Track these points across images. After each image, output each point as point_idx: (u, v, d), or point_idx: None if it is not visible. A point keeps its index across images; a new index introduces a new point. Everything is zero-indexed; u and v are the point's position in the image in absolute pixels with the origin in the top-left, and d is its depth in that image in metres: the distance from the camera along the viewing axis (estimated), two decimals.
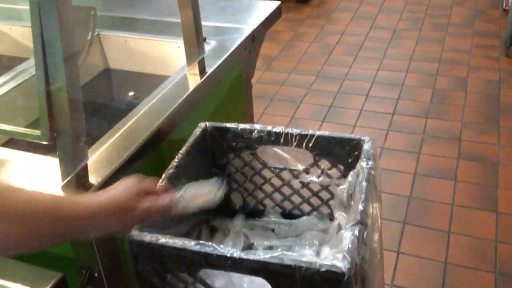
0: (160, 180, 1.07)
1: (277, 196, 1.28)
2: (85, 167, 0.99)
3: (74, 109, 0.93)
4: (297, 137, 1.16)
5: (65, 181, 0.97)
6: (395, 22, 4.02)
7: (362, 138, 1.11)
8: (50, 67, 0.89)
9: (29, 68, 1.44)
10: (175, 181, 1.11)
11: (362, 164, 1.02)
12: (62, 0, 0.85)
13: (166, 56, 1.54)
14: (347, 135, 1.14)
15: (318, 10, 4.34)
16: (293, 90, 3.23)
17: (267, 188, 1.28)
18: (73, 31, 0.88)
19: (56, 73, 0.89)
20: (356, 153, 1.12)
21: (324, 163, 1.18)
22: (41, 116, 0.93)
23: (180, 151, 1.15)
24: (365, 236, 0.90)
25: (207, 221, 1.27)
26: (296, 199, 1.27)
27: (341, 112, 2.98)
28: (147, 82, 1.55)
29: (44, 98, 0.91)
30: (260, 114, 2.97)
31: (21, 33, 1.68)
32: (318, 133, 1.15)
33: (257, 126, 1.20)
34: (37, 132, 0.96)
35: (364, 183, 0.98)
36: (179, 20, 1.40)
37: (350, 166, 1.13)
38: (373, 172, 1.00)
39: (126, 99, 1.50)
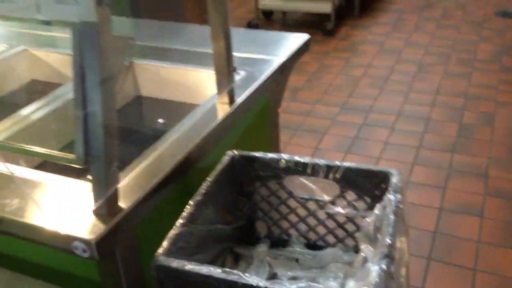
0: (188, 207, 1.09)
1: (302, 227, 1.28)
2: (116, 191, 1.01)
3: (109, 134, 0.95)
4: (324, 168, 1.17)
5: (96, 205, 0.99)
6: (421, 56, 4.03)
7: (390, 170, 1.11)
8: (88, 93, 0.92)
9: (63, 94, 1.48)
10: (202, 208, 1.12)
11: (390, 197, 1.02)
12: (103, 29, 0.88)
13: (196, 85, 1.58)
14: (374, 167, 1.15)
15: (344, 43, 4.38)
16: (317, 121, 3.24)
17: (292, 218, 1.28)
18: (111, 58, 0.92)
19: (93, 98, 0.92)
20: (383, 185, 1.12)
21: (350, 195, 1.19)
22: (77, 140, 0.96)
23: (208, 179, 1.17)
24: (392, 270, 0.89)
25: (231, 249, 1.27)
26: (321, 230, 1.27)
27: (365, 144, 2.98)
28: (177, 110, 1.58)
29: (80, 123, 0.94)
30: (284, 144, 2.99)
31: (56, 60, 1.74)
32: (345, 164, 1.15)
33: (285, 156, 1.21)
34: (72, 156, 0.98)
35: (392, 217, 0.97)
36: (209, 50, 1.43)
37: (376, 199, 1.13)
38: (401, 206, 1.00)
39: (156, 126, 1.53)
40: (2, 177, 1.13)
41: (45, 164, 1.33)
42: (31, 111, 1.42)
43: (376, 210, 1.06)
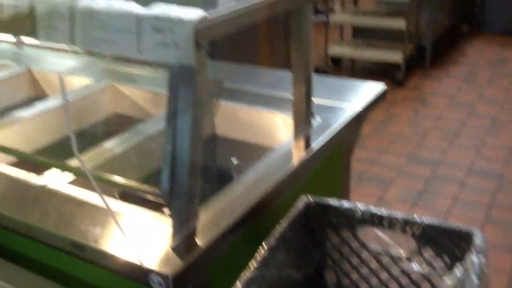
0: (261, 249, 1.09)
1: (374, 280, 1.24)
2: (195, 228, 1.03)
3: (194, 172, 0.98)
4: (402, 222, 1.14)
5: (175, 240, 1.01)
6: (495, 112, 3.90)
7: (473, 230, 1.07)
8: (179, 131, 0.96)
9: (145, 128, 1.54)
10: (275, 252, 1.12)
11: (473, 259, 0.98)
12: (199, 72, 0.92)
13: (272, 128, 1.60)
14: (455, 225, 1.11)
15: (413, 93, 4.32)
16: (383, 170, 3.19)
17: (364, 270, 1.25)
18: (203, 100, 0.95)
19: (183, 137, 0.95)
20: (464, 245, 1.08)
21: (428, 252, 1.15)
22: (162, 175, 0.99)
23: (282, 222, 1.16)
24: None
25: None
26: (393, 286, 1.22)
27: (433, 198, 2.88)
28: (251, 151, 1.61)
29: (168, 159, 0.97)
30: None
31: (139, 95, 1.83)
32: (424, 220, 1.12)
33: (360, 206, 1.20)
34: (156, 190, 1.02)
35: (475, 280, 0.93)
36: (284, 94, 1.45)
37: (456, 259, 1.09)
38: (485, 270, 0.95)
39: (230, 166, 1.56)
40: (85, 206, 1.18)
41: (122, 195, 1.37)
42: (114, 144, 1.48)
43: (457, 271, 1.02)
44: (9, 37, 2.09)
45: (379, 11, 4.77)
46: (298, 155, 1.35)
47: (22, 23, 1.09)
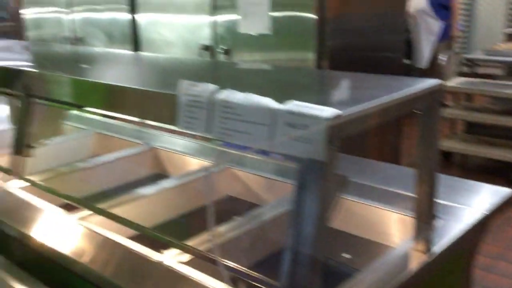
0: None
1: None
2: None
3: (315, 265, 0.96)
4: None
5: None
6: None
7: None
8: (304, 223, 0.95)
9: (261, 215, 1.56)
10: None
11: None
12: (329, 168, 0.92)
13: (388, 226, 1.54)
14: None
15: None
16: (501, 279, 2.91)
17: None
18: (329, 194, 0.95)
19: (308, 229, 0.94)
20: None
21: None
22: (283, 266, 0.98)
23: None
24: None
25: None
26: None
27: None
28: (364, 247, 1.55)
29: (290, 249, 0.96)
30: None
31: (254, 180, 1.87)
32: None
33: None
34: (274, 280, 1.00)
35: None
36: (403, 191, 1.39)
37: None
38: None
39: (340, 259, 1.51)
40: (198, 286, 1.18)
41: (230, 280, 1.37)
42: (228, 227, 1.50)
43: None
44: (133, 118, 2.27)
45: (495, 108, 4.59)
46: (418, 258, 1.27)
47: (163, 111, 1.19)
